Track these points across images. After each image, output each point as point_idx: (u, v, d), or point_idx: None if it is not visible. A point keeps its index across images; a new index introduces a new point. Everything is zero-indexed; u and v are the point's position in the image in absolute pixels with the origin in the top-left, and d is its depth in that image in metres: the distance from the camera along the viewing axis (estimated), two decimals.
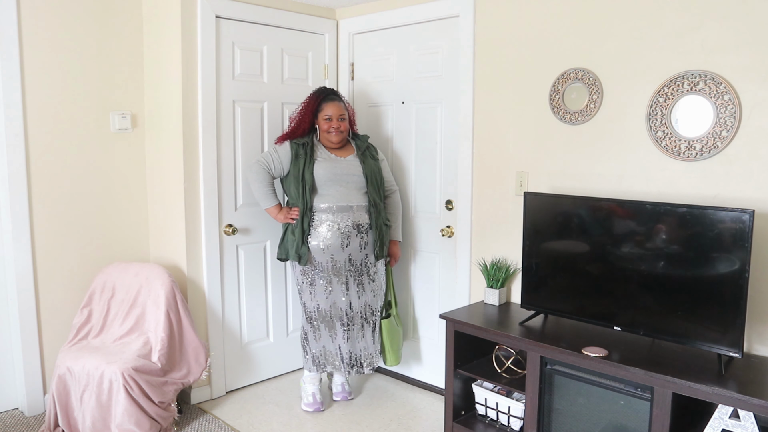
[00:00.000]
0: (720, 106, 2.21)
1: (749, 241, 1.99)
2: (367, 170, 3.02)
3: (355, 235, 2.99)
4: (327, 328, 3.06)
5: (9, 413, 3.03)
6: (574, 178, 2.67)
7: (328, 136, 2.99)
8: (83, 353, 2.76)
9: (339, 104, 3.00)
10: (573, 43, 2.62)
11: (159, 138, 3.22)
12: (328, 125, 2.97)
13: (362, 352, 3.10)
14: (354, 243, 2.99)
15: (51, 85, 2.97)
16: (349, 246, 2.98)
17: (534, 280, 2.61)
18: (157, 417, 2.71)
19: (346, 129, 3.02)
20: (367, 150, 3.10)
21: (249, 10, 3.20)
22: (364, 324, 3.08)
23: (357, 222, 2.99)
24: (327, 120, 2.97)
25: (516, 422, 2.64)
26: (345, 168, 2.99)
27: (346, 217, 2.97)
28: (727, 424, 1.99)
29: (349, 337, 3.05)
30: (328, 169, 2.96)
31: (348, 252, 2.98)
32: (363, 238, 3.01)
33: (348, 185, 2.98)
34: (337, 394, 3.26)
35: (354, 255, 3.01)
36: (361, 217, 3.01)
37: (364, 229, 3.01)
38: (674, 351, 2.25)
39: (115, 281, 3.06)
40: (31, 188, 2.95)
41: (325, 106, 2.98)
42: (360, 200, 3.01)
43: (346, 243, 2.97)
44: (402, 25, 3.30)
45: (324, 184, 2.95)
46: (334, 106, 2.98)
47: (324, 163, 2.97)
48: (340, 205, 2.97)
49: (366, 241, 3.03)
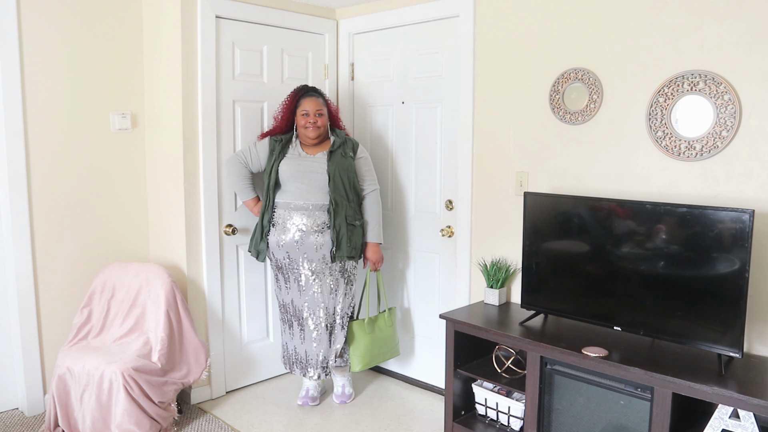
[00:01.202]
0: (720, 106, 2.21)
1: (749, 241, 1.99)
2: (332, 168, 2.96)
3: (310, 233, 2.95)
4: (289, 327, 3.10)
5: (9, 413, 3.03)
6: (574, 178, 2.67)
7: (305, 131, 2.98)
8: (83, 353, 2.76)
9: (317, 100, 3.01)
10: (573, 43, 2.62)
11: (159, 138, 3.22)
12: (305, 120, 2.97)
13: (319, 356, 3.06)
14: (308, 242, 2.95)
15: (51, 85, 2.97)
16: (303, 245, 2.95)
17: (534, 280, 2.61)
18: (157, 417, 2.71)
19: (323, 125, 3.00)
20: (342, 147, 3.03)
21: (249, 10, 3.20)
22: (318, 326, 3.04)
23: (314, 221, 2.95)
24: (304, 115, 2.98)
25: (516, 422, 2.64)
26: (309, 165, 2.98)
27: (303, 216, 2.95)
28: (727, 424, 1.99)
29: (304, 338, 3.06)
30: (292, 166, 2.97)
31: (303, 251, 2.96)
32: (318, 238, 2.96)
33: (309, 183, 2.96)
34: (337, 397, 3.25)
35: (309, 254, 2.97)
36: (319, 217, 2.96)
37: (319, 228, 2.96)
38: (674, 351, 2.25)
39: (115, 281, 3.06)
40: (31, 188, 2.95)
41: (303, 102, 3.00)
42: (319, 199, 2.96)
43: (300, 241, 2.95)
44: (402, 25, 3.30)
45: (287, 180, 2.97)
46: (312, 101, 2.99)
47: (290, 160, 2.99)
48: (297, 203, 2.96)
49: (322, 241, 2.97)
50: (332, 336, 3.08)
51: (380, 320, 3.21)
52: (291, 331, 3.10)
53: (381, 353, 3.20)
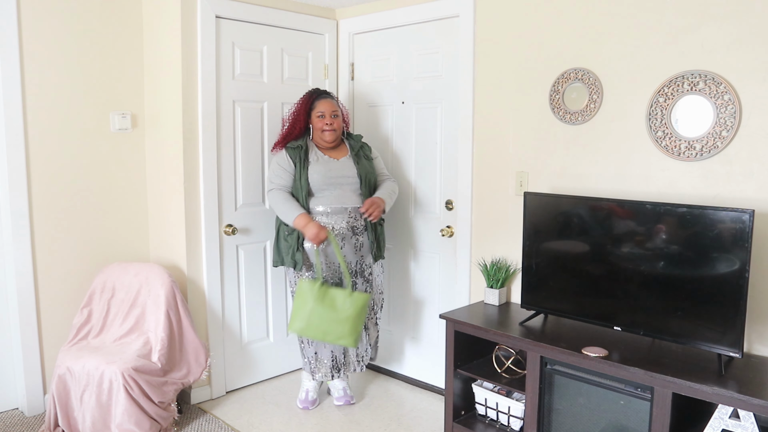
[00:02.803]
0: (720, 106, 2.21)
1: (749, 241, 1.99)
2: (362, 171, 3.01)
3: (350, 237, 2.98)
4: None
5: (9, 413, 3.03)
6: (574, 178, 2.67)
7: (322, 135, 2.97)
8: (83, 353, 2.76)
9: (332, 101, 3.01)
10: (573, 43, 2.62)
11: (159, 138, 3.22)
12: (322, 123, 2.95)
13: (353, 354, 3.08)
14: (349, 245, 2.98)
15: (51, 85, 2.97)
16: (344, 248, 2.97)
17: (534, 280, 2.61)
18: (157, 417, 2.71)
19: (339, 127, 3.00)
20: (361, 150, 3.09)
21: (249, 10, 3.20)
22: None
23: (352, 224, 2.98)
24: (320, 117, 2.96)
25: (516, 422, 2.64)
26: (339, 170, 2.98)
27: (341, 219, 2.96)
28: (727, 424, 1.99)
29: None
30: (322, 172, 2.95)
31: (343, 254, 2.97)
32: (358, 239, 3.00)
33: (343, 187, 2.97)
34: (339, 399, 3.22)
35: (349, 257, 3.00)
36: (356, 219, 3.00)
37: (359, 230, 3.01)
38: (674, 351, 2.25)
39: (115, 281, 3.06)
40: (31, 188, 2.95)
41: (318, 104, 2.98)
42: (355, 202, 2.99)
43: (341, 245, 2.96)
44: (402, 25, 3.30)
45: (319, 187, 2.94)
46: (327, 103, 2.98)
47: (317, 166, 2.95)
48: (335, 207, 2.96)
49: (361, 242, 3.02)
50: (367, 335, 3.12)
51: (339, 297, 2.86)
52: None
53: (322, 330, 2.83)
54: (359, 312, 2.84)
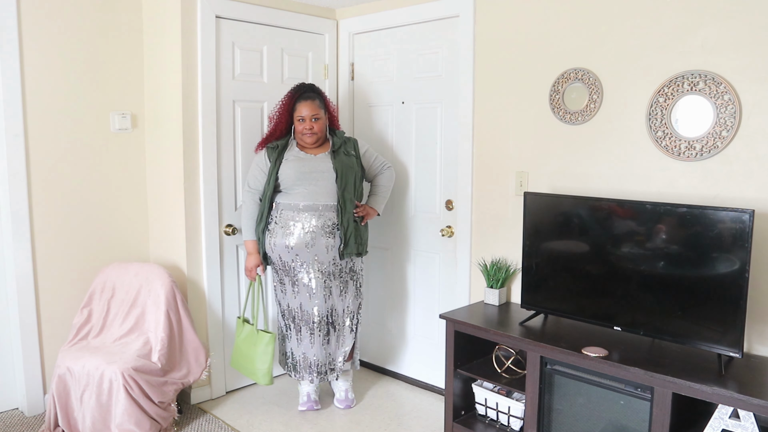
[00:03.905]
0: (720, 106, 2.21)
1: (749, 241, 1.99)
2: (338, 165, 2.93)
3: (321, 235, 2.91)
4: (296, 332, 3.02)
5: (9, 413, 3.03)
6: (574, 178, 2.67)
7: (302, 138, 2.93)
8: (83, 353, 2.76)
9: (313, 103, 2.90)
10: (573, 43, 2.62)
11: (159, 138, 3.22)
12: (302, 127, 2.91)
13: (327, 359, 3.05)
14: (320, 244, 2.91)
15: (51, 85, 2.97)
16: (314, 246, 2.91)
17: (534, 280, 2.61)
18: (157, 417, 2.71)
19: (320, 130, 2.93)
20: (343, 146, 3.01)
21: (249, 10, 3.20)
22: (330, 329, 3.02)
23: (324, 222, 2.91)
24: (300, 121, 2.91)
25: (516, 422, 2.64)
26: (313, 166, 2.92)
27: (312, 217, 2.90)
28: (727, 424, 1.99)
29: (314, 343, 3.00)
30: (295, 168, 2.90)
31: (313, 252, 2.91)
32: (329, 239, 2.93)
33: (317, 183, 2.90)
34: (341, 401, 3.20)
35: (320, 256, 2.93)
36: (329, 217, 2.92)
37: (330, 229, 2.93)
38: (674, 351, 2.25)
39: (115, 281, 3.06)
40: (31, 188, 2.95)
41: (299, 106, 2.90)
42: (328, 199, 2.92)
43: (311, 243, 2.90)
44: (402, 25, 3.29)
45: (291, 183, 2.89)
46: (308, 105, 2.90)
47: (291, 162, 2.92)
48: (306, 204, 2.90)
49: (333, 242, 2.95)
50: (341, 338, 3.07)
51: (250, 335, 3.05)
52: (299, 337, 3.02)
53: (242, 366, 3.09)
54: (263, 350, 2.99)
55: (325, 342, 3.02)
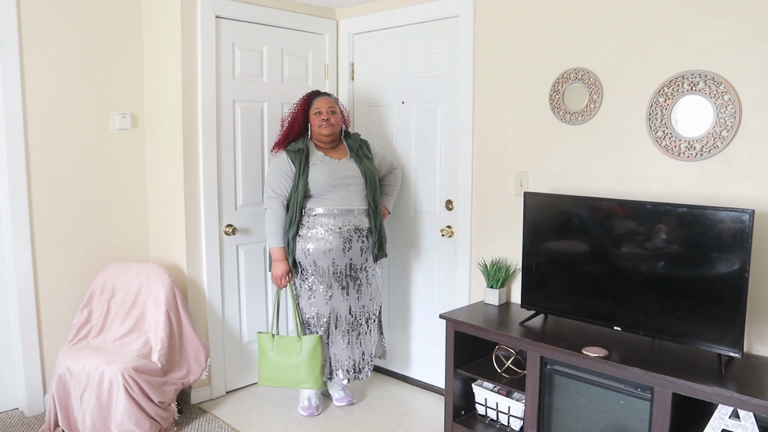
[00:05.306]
0: (720, 106, 2.21)
1: (749, 241, 1.99)
2: (365, 170, 3.00)
3: (356, 239, 2.96)
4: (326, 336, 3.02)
5: (9, 413, 3.03)
6: (574, 178, 2.67)
7: (319, 130, 2.94)
8: (83, 353, 2.76)
9: (330, 99, 3.01)
10: (573, 43, 2.62)
11: (159, 138, 3.22)
12: (319, 119, 2.94)
13: (360, 358, 3.07)
14: (355, 247, 2.97)
15: (51, 85, 2.97)
16: (350, 250, 2.96)
17: (534, 280, 2.61)
18: (157, 417, 2.71)
19: (337, 122, 2.97)
20: (360, 149, 3.07)
21: (249, 10, 3.20)
22: (361, 329, 3.06)
23: (358, 226, 2.97)
24: (317, 114, 2.95)
25: (516, 422, 2.64)
26: (343, 171, 2.96)
27: (347, 221, 2.95)
28: (727, 424, 1.99)
29: (349, 343, 3.03)
30: (327, 173, 2.92)
31: (349, 256, 2.96)
32: (364, 242, 2.99)
33: (349, 188, 2.96)
34: (341, 399, 3.21)
35: (355, 259, 2.99)
36: (362, 221, 2.99)
37: (364, 233, 3.00)
38: (674, 351, 2.25)
39: (115, 281, 3.06)
40: (31, 188, 2.95)
41: (316, 102, 2.98)
42: (361, 203, 2.98)
43: (348, 247, 2.94)
44: (402, 25, 3.30)
45: (324, 189, 2.91)
46: (325, 100, 2.98)
47: (321, 167, 2.92)
48: (341, 209, 2.94)
49: (367, 245, 3.01)
50: (371, 337, 3.13)
51: (289, 345, 2.99)
52: (330, 340, 3.01)
53: (283, 378, 3.01)
54: (311, 354, 2.96)
55: (358, 342, 3.06)
